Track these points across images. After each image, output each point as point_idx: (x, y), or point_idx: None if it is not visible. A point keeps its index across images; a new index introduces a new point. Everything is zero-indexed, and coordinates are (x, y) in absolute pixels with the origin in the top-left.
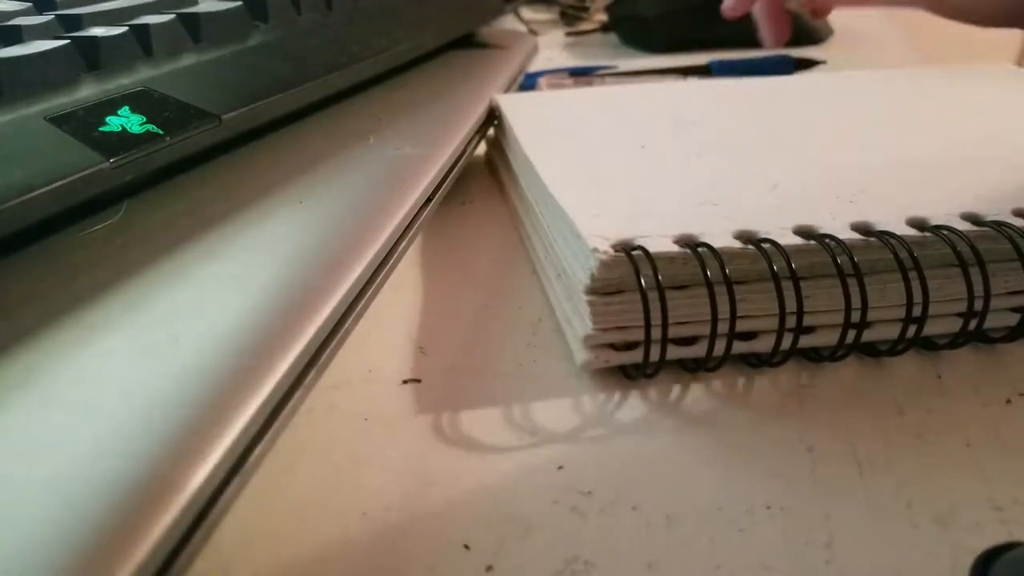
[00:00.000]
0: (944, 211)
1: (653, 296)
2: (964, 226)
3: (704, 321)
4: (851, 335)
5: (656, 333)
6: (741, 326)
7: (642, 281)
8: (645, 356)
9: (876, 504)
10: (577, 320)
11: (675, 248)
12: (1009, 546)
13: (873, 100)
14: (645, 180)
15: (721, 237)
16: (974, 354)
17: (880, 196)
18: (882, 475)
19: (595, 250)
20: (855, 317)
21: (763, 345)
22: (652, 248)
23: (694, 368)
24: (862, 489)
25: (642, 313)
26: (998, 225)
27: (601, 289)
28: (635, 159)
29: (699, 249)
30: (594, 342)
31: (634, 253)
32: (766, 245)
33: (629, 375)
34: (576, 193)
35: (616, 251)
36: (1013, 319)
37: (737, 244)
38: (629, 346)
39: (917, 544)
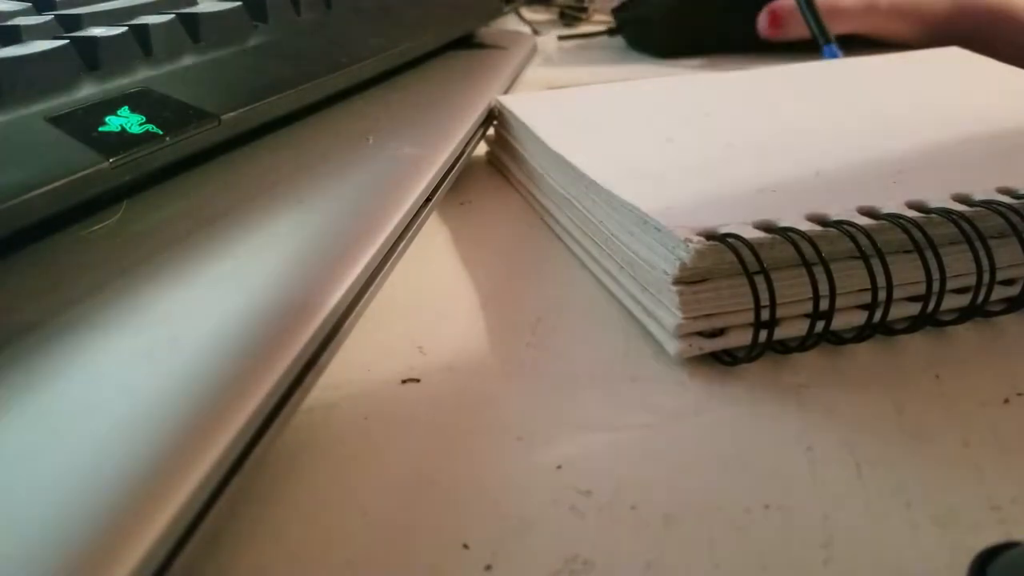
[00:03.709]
0: (981, 187)
1: (759, 279)
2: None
3: (786, 303)
4: (916, 309)
5: (765, 315)
6: (821, 307)
7: (747, 266)
8: (754, 339)
9: (875, 504)
10: (663, 311)
11: (761, 234)
12: (1007, 546)
13: (855, 85)
14: (692, 171)
15: (797, 221)
16: (973, 353)
17: (918, 175)
18: (881, 475)
19: (687, 240)
20: (935, 289)
21: (839, 324)
22: (744, 235)
23: (782, 351)
24: (861, 489)
25: (732, 299)
26: None
27: (687, 279)
28: (669, 151)
29: (789, 234)
30: (684, 331)
31: (730, 240)
32: (845, 227)
33: (724, 361)
34: (632, 187)
35: (709, 239)
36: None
37: (818, 227)
38: (715, 333)
39: (915, 544)
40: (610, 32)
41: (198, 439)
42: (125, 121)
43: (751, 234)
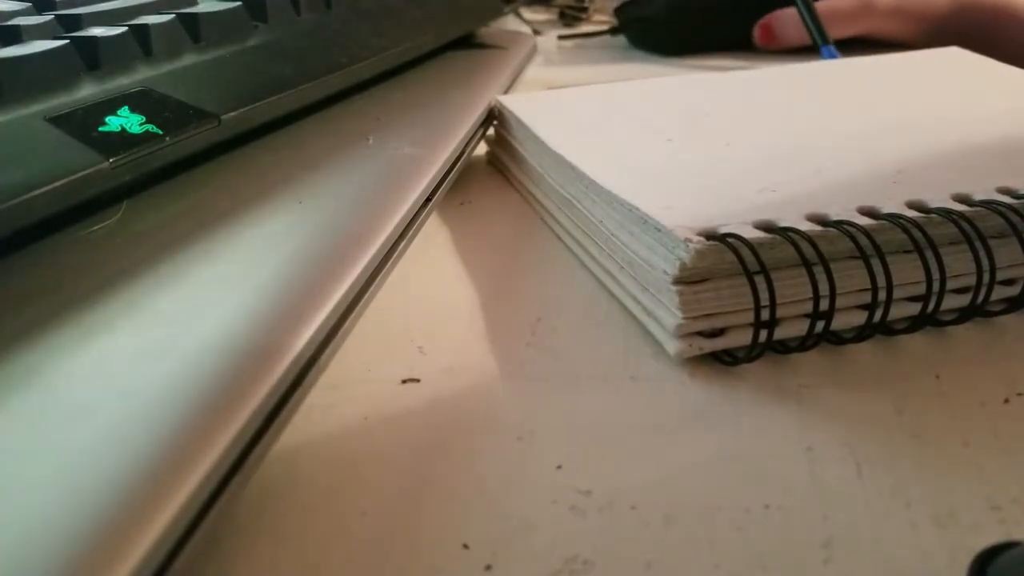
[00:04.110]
0: (981, 187)
1: (759, 279)
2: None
3: (786, 303)
4: (916, 309)
5: (765, 315)
6: (821, 307)
7: (747, 266)
8: (754, 339)
9: (874, 504)
10: (663, 311)
11: (761, 234)
12: (1007, 546)
13: (854, 84)
14: (692, 171)
15: (797, 221)
16: (973, 353)
17: (918, 175)
18: (881, 475)
19: (687, 240)
20: (935, 289)
21: (839, 324)
22: (744, 235)
23: (782, 351)
24: (861, 489)
25: (732, 299)
26: None
27: (687, 278)
28: (669, 151)
29: (789, 234)
30: (684, 331)
31: (730, 240)
32: (845, 227)
33: (724, 361)
34: (632, 187)
35: (709, 239)
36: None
37: (818, 227)
38: (715, 333)
39: (915, 544)
40: (612, 31)
41: (198, 439)
42: (125, 121)
43: (751, 234)
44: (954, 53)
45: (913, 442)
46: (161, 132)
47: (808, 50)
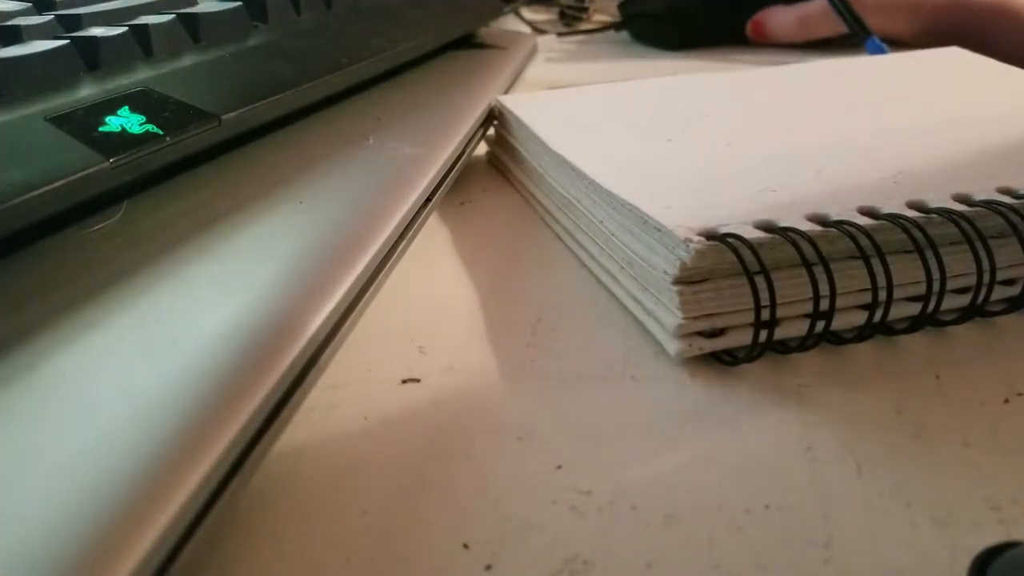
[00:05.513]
0: (981, 187)
1: (759, 279)
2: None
3: (786, 303)
4: (916, 309)
5: (765, 315)
6: (821, 307)
7: (747, 266)
8: (754, 339)
9: (875, 504)
10: (663, 310)
11: (762, 234)
12: (1007, 546)
13: (854, 85)
14: (692, 171)
15: (797, 221)
16: (973, 353)
17: (918, 175)
18: (881, 475)
19: (687, 240)
20: (935, 289)
21: (839, 324)
22: (744, 235)
23: (782, 351)
24: (861, 489)
25: (732, 300)
26: None
27: (687, 279)
28: (669, 151)
29: (789, 234)
30: (684, 331)
31: (730, 240)
32: (845, 227)
33: (724, 361)
34: (632, 187)
35: (709, 239)
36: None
37: (818, 227)
38: (715, 333)
39: (915, 544)
40: (616, 27)
41: (197, 440)
42: (125, 121)
43: (751, 234)
44: (954, 53)
45: (913, 442)
46: (161, 132)
47: (808, 47)
